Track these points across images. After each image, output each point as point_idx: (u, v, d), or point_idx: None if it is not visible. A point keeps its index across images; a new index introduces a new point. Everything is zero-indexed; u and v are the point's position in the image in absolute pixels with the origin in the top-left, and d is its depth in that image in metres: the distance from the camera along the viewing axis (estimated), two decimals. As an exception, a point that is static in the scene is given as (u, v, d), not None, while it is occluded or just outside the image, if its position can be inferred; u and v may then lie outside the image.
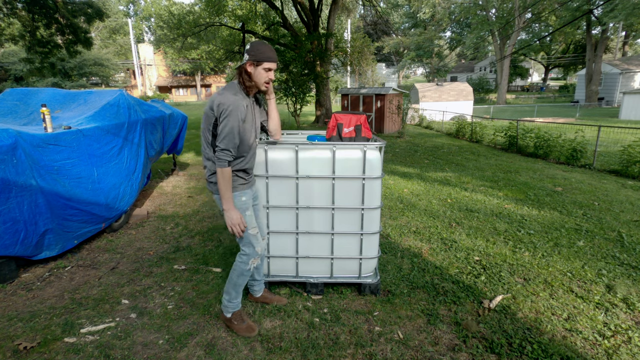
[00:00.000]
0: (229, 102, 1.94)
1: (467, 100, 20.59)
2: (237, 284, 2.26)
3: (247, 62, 2.02)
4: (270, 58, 2.03)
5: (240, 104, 1.97)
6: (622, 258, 3.31)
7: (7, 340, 2.24)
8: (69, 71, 31.94)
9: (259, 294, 2.62)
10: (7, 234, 2.78)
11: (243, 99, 2.01)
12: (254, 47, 2.02)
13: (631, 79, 26.24)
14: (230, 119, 1.94)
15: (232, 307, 2.31)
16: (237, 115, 1.95)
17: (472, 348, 2.17)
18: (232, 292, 2.28)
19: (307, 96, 14.21)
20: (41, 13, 11.66)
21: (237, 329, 2.29)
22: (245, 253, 2.22)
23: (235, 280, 2.25)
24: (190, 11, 19.49)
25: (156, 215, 4.64)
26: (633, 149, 6.83)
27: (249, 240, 2.19)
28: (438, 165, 7.78)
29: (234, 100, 1.95)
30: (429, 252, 3.47)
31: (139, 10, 46.81)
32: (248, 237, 2.18)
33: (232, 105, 1.94)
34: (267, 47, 2.02)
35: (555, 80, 55.37)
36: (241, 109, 1.97)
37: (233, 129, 1.95)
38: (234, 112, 1.94)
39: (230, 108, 1.94)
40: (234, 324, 2.30)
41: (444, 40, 48.42)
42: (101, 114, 3.87)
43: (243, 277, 2.25)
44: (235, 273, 2.25)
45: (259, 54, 2.00)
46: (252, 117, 2.11)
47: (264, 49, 2.01)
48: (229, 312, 2.32)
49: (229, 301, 2.30)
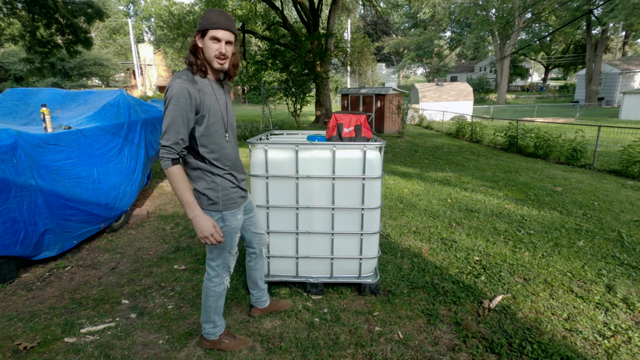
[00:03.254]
0: (171, 88, 1.62)
1: (467, 100, 20.60)
2: (218, 307, 2.03)
3: (195, 35, 1.69)
4: (215, 24, 1.62)
5: (184, 88, 1.61)
6: (622, 258, 3.31)
7: (7, 340, 2.23)
8: (69, 71, 31.94)
9: (267, 304, 2.44)
10: (7, 234, 2.78)
11: (191, 83, 1.64)
12: (202, 16, 1.67)
13: (631, 79, 26.24)
14: (170, 108, 1.61)
15: (219, 331, 2.09)
16: (178, 102, 1.60)
17: (472, 348, 2.17)
18: (216, 318, 2.05)
19: (307, 96, 14.23)
20: (41, 13, 11.66)
21: (231, 347, 2.10)
22: (217, 274, 1.96)
23: (214, 305, 2.00)
24: (190, 11, 19.52)
25: (156, 215, 4.64)
26: (633, 149, 6.83)
27: (227, 261, 1.95)
28: (438, 165, 7.78)
29: (178, 85, 1.61)
30: (429, 252, 3.47)
31: (139, 10, 46.84)
32: (227, 258, 1.94)
33: (173, 90, 1.61)
34: (215, 13, 1.65)
35: (555, 80, 55.36)
36: (184, 94, 1.60)
37: (174, 121, 1.61)
38: (175, 100, 1.60)
39: (170, 94, 1.61)
40: (225, 344, 2.10)
41: (444, 40, 48.43)
42: (101, 114, 3.87)
43: (222, 298, 2.02)
44: (213, 298, 1.98)
45: (203, 22, 1.64)
46: (216, 104, 1.75)
47: (210, 14, 1.64)
48: (216, 336, 2.10)
49: (213, 327, 2.07)
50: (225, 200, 1.82)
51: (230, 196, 1.84)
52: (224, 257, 1.93)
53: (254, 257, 2.30)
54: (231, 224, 1.87)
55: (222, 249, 1.91)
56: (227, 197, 1.83)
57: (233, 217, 1.87)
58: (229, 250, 1.93)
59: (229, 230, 1.87)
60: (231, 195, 1.84)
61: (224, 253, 1.93)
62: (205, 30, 1.64)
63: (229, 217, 1.85)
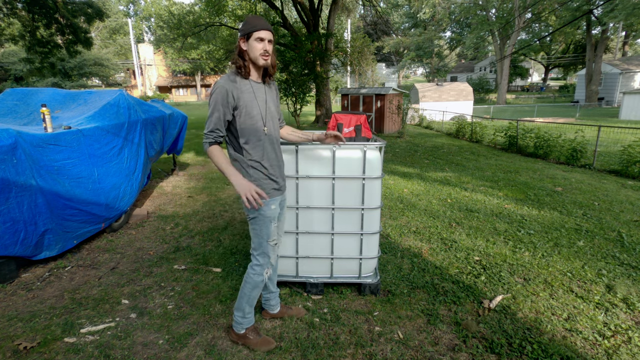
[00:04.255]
0: (214, 86, 1.86)
1: (467, 100, 20.58)
2: (251, 297, 2.10)
3: (239, 40, 1.88)
4: (258, 26, 1.83)
5: (223, 87, 1.82)
6: (622, 258, 3.31)
7: (7, 340, 2.24)
8: (69, 71, 31.95)
9: (277, 309, 2.43)
10: (7, 234, 2.78)
11: (231, 83, 1.85)
12: (243, 22, 1.88)
13: (631, 79, 26.24)
14: (211, 104, 1.85)
15: (246, 323, 2.16)
16: (217, 99, 1.83)
17: (472, 348, 2.17)
18: (247, 307, 2.12)
19: (307, 96, 14.22)
20: (41, 13, 11.66)
21: (253, 344, 2.14)
22: (259, 263, 2.06)
23: (249, 294, 2.09)
24: (190, 11, 19.53)
25: (156, 215, 4.64)
26: (633, 149, 6.83)
27: (266, 251, 2.04)
28: (438, 165, 7.78)
29: (219, 85, 1.84)
30: (429, 252, 3.47)
31: (139, 10, 46.83)
32: (266, 247, 2.03)
33: (215, 89, 1.85)
34: (255, 17, 1.85)
35: (555, 80, 55.36)
36: (223, 92, 1.82)
37: (212, 114, 1.85)
38: (214, 97, 1.84)
39: (212, 91, 1.86)
40: (250, 339, 2.15)
41: (444, 40, 48.42)
42: (101, 114, 3.87)
43: (257, 290, 2.09)
44: (249, 286, 2.07)
45: (247, 26, 1.84)
46: (254, 101, 1.91)
47: (251, 19, 1.85)
48: (242, 329, 2.16)
49: (242, 317, 2.14)
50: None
51: (262, 186, 1.95)
52: (263, 246, 2.04)
53: None
54: (265, 213, 1.97)
55: (261, 238, 2.02)
56: (259, 187, 1.93)
57: (267, 207, 1.97)
58: (266, 239, 2.03)
59: (263, 219, 1.99)
60: (263, 186, 1.96)
61: (263, 242, 2.03)
62: (250, 33, 1.83)
63: (262, 206, 1.91)
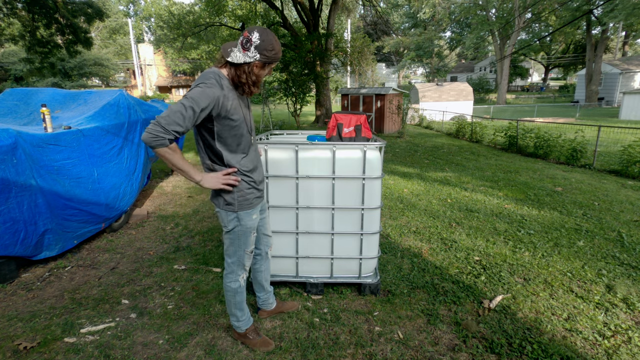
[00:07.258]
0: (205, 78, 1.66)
1: (467, 100, 20.58)
2: (237, 302, 2.09)
3: (256, 64, 1.70)
4: (278, 54, 1.72)
5: (215, 92, 1.64)
6: (622, 258, 3.31)
7: (7, 340, 2.24)
8: (69, 71, 31.94)
9: (274, 306, 2.46)
10: (7, 234, 2.78)
11: (220, 90, 1.67)
12: (266, 43, 1.66)
13: (631, 79, 26.24)
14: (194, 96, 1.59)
15: (244, 324, 2.17)
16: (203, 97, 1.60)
17: (472, 348, 2.17)
18: (237, 312, 2.12)
19: (307, 96, 14.22)
20: (41, 13, 11.65)
21: (252, 344, 2.16)
22: (233, 271, 2.02)
23: (233, 301, 2.07)
24: (190, 11, 19.52)
25: (156, 215, 4.64)
26: (633, 149, 6.83)
27: (242, 260, 2.00)
28: (438, 165, 7.78)
29: (212, 83, 1.65)
30: (429, 252, 3.47)
31: (139, 10, 46.84)
32: (243, 256, 2.00)
33: (207, 85, 1.63)
34: (277, 43, 1.71)
35: (555, 80, 55.36)
36: (213, 95, 1.63)
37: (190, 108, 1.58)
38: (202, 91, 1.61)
39: (202, 83, 1.63)
40: (250, 339, 2.17)
41: (444, 40, 48.41)
42: (101, 114, 3.87)
43: (240, 294, 2.07)
44: (230, 294, 2.06)
45: (271, 55, 1.69)
46: (239, 109, 1.78)
47: (275, 46, 1.69)
48: (241, 329, 2.19)
49: (237, 321, 2.15)
50: (240, 201, 1.88)
51: (245, 197, 1.89)
52: (239, 255, 1.99)
53: (259, 258, 2.30)
54: (246, 224, 1.93)
55: (238, 247, 1.97)
56: (242, 198, 1.88)
57: (248, 217, 1.92)
58: (244, 249, 1.98)
59: (244, 229, 1.93)
60: (247, 197, 1.89)
61: (239, 251, 1.98)
62: (271, 63, 1.72)
63: (244, 217, 1.91)
